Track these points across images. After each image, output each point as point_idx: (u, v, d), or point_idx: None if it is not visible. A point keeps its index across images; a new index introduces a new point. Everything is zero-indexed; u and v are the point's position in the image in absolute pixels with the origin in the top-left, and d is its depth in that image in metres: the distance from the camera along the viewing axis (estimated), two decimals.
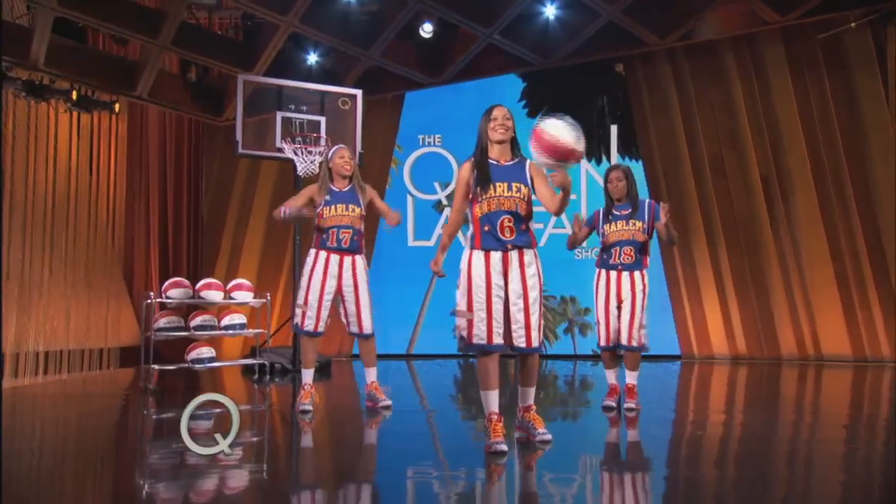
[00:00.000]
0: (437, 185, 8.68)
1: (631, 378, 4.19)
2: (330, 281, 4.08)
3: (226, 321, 5.29)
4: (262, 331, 5.47)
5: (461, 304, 3.06)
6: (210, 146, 8.91)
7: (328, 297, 4.09)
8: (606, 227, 4.14)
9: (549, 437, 3.13)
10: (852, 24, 7.24)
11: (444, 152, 8.75)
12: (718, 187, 8.19)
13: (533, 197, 3.12)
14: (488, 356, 3.02)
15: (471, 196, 3.09)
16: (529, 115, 8.72)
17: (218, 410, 3.16)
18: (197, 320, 5.19)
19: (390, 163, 8.76)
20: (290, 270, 7.46)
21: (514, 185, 3.05)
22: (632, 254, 4.07)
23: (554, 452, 3.13)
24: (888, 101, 7.49)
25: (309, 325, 4.09)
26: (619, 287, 4.12)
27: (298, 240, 6.76)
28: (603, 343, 4.22)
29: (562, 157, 2.84)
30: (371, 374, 4.29)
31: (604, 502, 2.66)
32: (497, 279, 3.02)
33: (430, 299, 8.55)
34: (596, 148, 8.64)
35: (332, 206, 4.08)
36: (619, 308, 4.13)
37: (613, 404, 4.27)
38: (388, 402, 4.20)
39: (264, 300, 5.45)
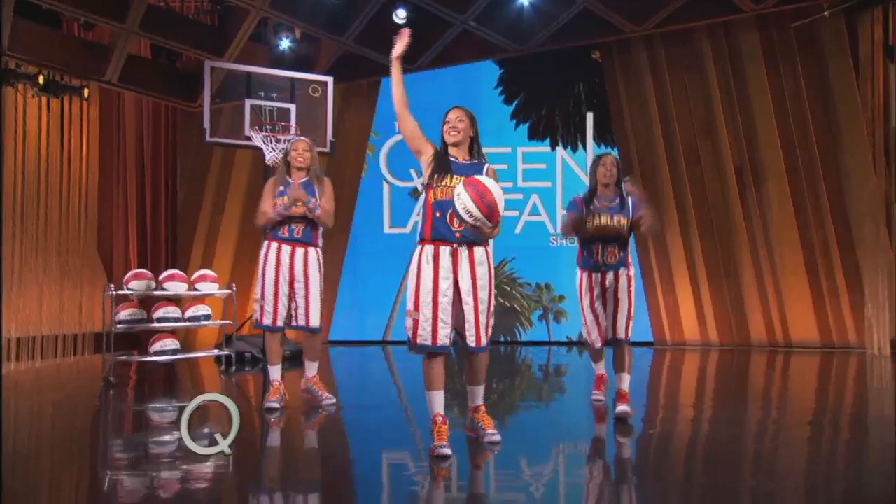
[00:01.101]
0: (412, 172, 8.47)
1: (624, 383, 3.78)
2: (283, 272, 3.88)
3: (190, 312, 5.16)
4: (227, 322, 5.30)
5: (409, 304, 2.99)
6: (185, 132, 8.67)
7: (283, 289, 3.89)
8: (589, 219, 3.73)
9: (497, 437, 3.09)
10: (826, 13, 7.07)
11: None
12: (692, 175, 8.05)
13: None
14: (433, 357, 2.94)
15: (426, 182, 3.05)
16: (506, 101, 8.57)
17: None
18: (159, 312, 5.05)
19: (366, 149, 8.56)
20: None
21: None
22: (615, 253, 3.75)
23: (522, 443, 3.16)
24: (860, 90, 7.35)
25: (267, 319, 3.89)
26: (604, 283, 3.80)
27: None
28: (599, 345, 3.92)
29: (488, 204, 2.74)
30: (313, 368, 4.04)
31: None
32: (445, 275, 2.93)
33: (406, 285, 8.41)
34: (572, 135, 8.49)
35: (285, 198, 3.88)
36: (614, 304, 3.79)
37: (602, 396, 4.10)
38: (333, 400, 4.03)
39: (229, 291, 5.26)
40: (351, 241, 8.49)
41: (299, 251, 3.91)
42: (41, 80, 6.69)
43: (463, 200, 2.74)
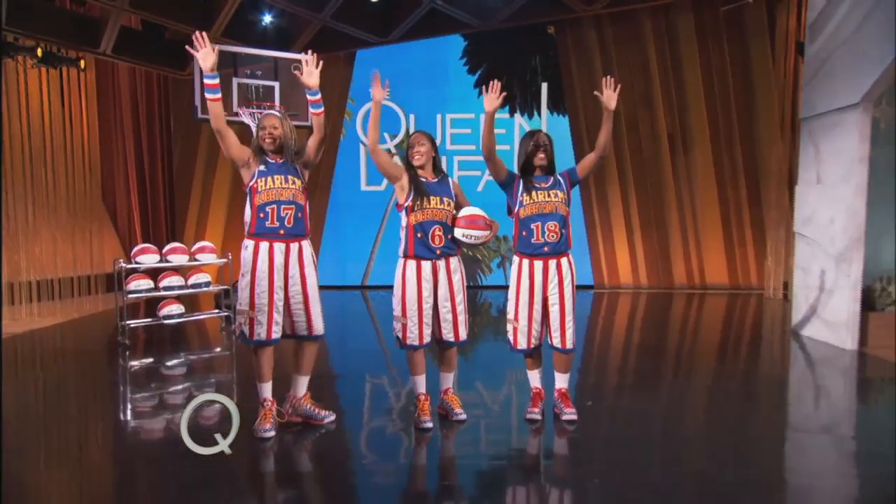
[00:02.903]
0: (386, 135, 8.65)
1: (562, 381, 3.27)
2: (277, 278, 3.00)
3: (192, 280, 5.32)
4: (226, 287, 5.58)
5: (396, 310, 3.15)
6: (176, 98, 8.68)
7: (279, 295, 3.01)
8: (525, 195, 3.09)
9: (463, 416, 3.22)
10: (750, 1, 7.33)
11: (393, 105, 8.65)
12: (632, 141, 8.41)
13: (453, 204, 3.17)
14: (417, 350, 3.18)
15: (405, 205, 3.10)
16: (470, 72, 8.67)
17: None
18: (165, 281, 5.19)
19: (344, 115, 8.68)
20: None
21: (444, 199, 3.10)
22: (556, 230, 3.08)
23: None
24: (774, 70, 7.74)
25: (260, 332, 2.98)
26: (546, 283, 3.12)
27: None
28: (523, 346, 3.18)
29: (482, 223, 3.07)
30: (303, 385, 3.19)
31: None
32: (427, 286, 3.10)
33: (381, 237, 8.76)
34: (528, 104, 8.72)
35: (268, 178, 2.97)
36: (544, 308, 3.15)
37: (538, 416, 3.22)
38: (333, 417, 3.22)
39: (226, 259, 5.47)
40: (331, 199, 8.76)
41: (293, 248, 3.03)
42: (39, 52, 6.64)
43: (469, 235, 3.04)
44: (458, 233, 3.07)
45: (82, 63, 7.05)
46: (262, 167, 3.01)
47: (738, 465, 2.79)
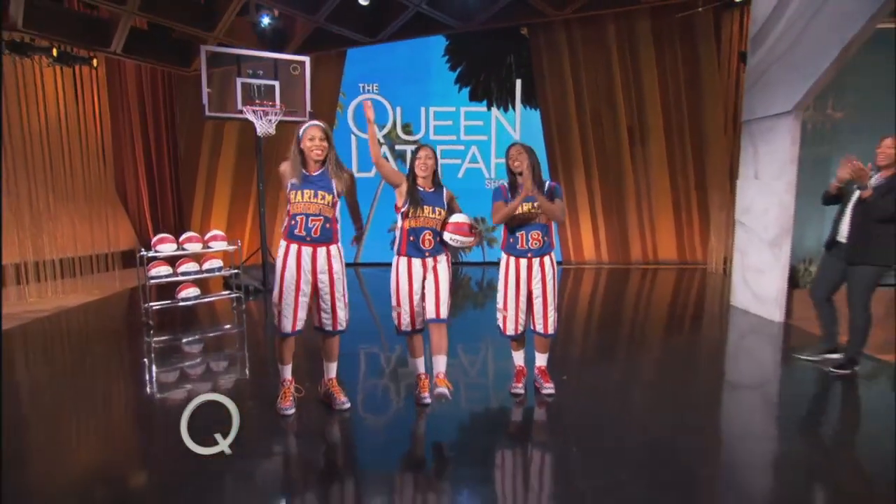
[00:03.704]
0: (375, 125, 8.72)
1: (542, 360, 3.46)
2: (304, 276, 3.05)
3: (206, 265, 5.40)
4: (236, 270, 5.68)
5: (393, 301, 3.25)
6: (181, 93, 8.58)
7: (305, 293, 3.07)
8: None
9: (443, 391, 3.18)
10: (700, 9, 7.49)
11: (381, 98, 8.72)
12: (595, 133, 8.61)
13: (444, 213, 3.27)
14: (414, 335, 3.30)
15: (402, 210, 3.17)
16: (451, 68, 8.72)
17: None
18: (182, 267, 5.27)
19: (336, 107, 8.69)
20: (256, 200, 7.60)
21: (436, 209, 3.17)
22: (539, 238, 3.21)
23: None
24: (720, 71, 7.96)
25: (285, 325, 3.06)
26: (530, 278, 3.27)
27: (262, 187, 6.87)
28: (510, 332, 3.36)
29: (467, 230, 3.12)
30: (332, 370, 3.31)
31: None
32: (417, 280, 3.19)
33: (371, 218, 8.88)
34: (504, 98, 8.82)
35: (300, 192, 2.98)
36: (528, 299, 3.30)
37: (521, 391, 3.41)
38: (347, 405, 3.26)
39: (235, 246, 5.53)
40: None
41: (321, 251, 3.05)
42: (55, 52, 6.53)
43: (455, 239, 3.10)
44: (447, 236, 3.14)
45: (95, 61, 6.94)
46: (294, 180, 2.99)
47: (683, 417, 3.10)
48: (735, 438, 2.97)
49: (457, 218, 3.18)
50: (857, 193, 3.64)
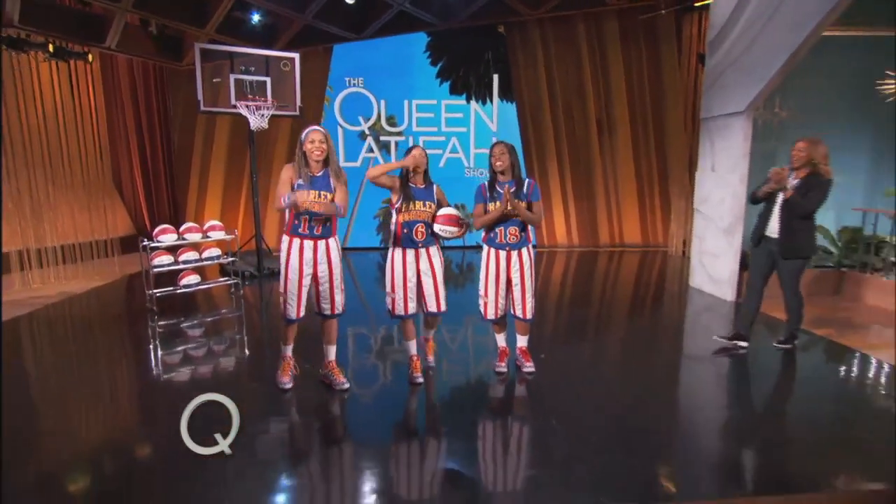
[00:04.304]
0: (360, 118, 8.66)
1: (522, 342, 3.54)
2: (306, 267, 3.17)
3: (206, 254, 5.38)
4: (233, 259, 5.67)
5: (388, 287, 3.33)
6: (174, 87, 8.37)
7: (307, 283, 3.19)
8: (492, 204, 3.27)
9: (433, 365, 3.58)
10: (662, 12, 7.56)
11: (366, 92, 8.64)
12: (567, 125, 8.66)
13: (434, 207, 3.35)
14: (407, 320, 3.40)
15: (396, 207, 3.25)
16: (432, 63, 8.66)
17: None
18: (183, 256, 5.24)
19: (323, 101, 8.59)
20: (248, 189, 7.54)
21: (427, 203, 3.26)
22: (516, 233, 3.28)
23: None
24: (680, 69, 8.09)
25: (290, 312, 3.18)
26: (509, 268, 3.35)
27: (255, 176, 6.80)
28: (491, 316, 3.44)
29: (455, 222, 3.20)
30: (331, 353, 3.38)
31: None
32: (411, 268, 3.29)
33: (358, 206, 8.88)
34: (482, 92, 8.82)
35: (302, 192, 3.04)
36: (508, 285, 3.38)
37: (504, 369, 3.51)
38: (346, 385, 3.33)
39: (233, 235, 5.50)
40: None
41: (321, 244, 3.18)
42: (51, 48, 6.32)
43: (444, 230, 3.18)
44: (437, 228, 3.22)
45: (90, 57, 6.73)
46: (299, 181, 3.07)
47: (647, 388, 3.29)
48: (693, 408, 3.16)
49: (446, 211, 3.26)
50: (780, 195, 3.75)
